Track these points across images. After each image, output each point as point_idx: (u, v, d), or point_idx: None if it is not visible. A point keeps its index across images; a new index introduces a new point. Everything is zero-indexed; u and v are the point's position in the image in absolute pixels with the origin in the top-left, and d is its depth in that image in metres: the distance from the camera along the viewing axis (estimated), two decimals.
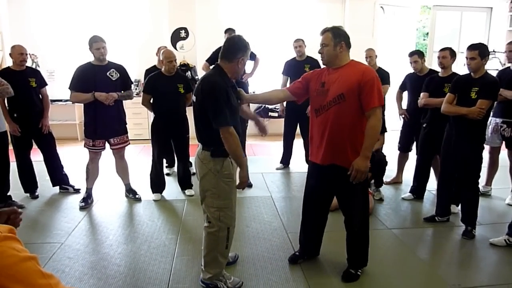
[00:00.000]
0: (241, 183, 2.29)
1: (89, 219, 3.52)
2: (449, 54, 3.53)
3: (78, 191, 4.08)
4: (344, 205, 2.54)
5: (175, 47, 6.58)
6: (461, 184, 3.23)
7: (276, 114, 6.85)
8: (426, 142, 3.77)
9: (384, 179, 4.18)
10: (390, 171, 4.37)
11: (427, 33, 8.11)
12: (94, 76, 3.50)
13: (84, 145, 3.69)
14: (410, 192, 4.01)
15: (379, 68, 4.38)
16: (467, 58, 3.01)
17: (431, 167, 3.95)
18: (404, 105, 4.26)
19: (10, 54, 3.72)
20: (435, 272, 2.66)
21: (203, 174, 2.28)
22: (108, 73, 3.55)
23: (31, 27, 6.55)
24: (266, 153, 5.92)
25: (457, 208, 3.50)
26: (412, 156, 4.21)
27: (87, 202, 3.76)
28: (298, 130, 4.91)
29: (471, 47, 2.99)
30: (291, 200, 3.97)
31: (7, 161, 3.63)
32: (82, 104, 3.67)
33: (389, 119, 4.34)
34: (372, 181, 3.94)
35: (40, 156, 4.02)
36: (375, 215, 3.55)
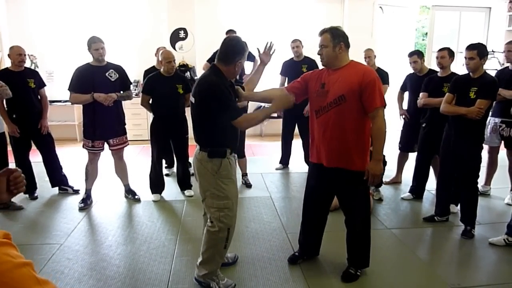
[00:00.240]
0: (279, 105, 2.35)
1: (89, 220, 3.52)
2: (448, 54, 3.54)
3: (77, 192, 4.07)
4: (346, 206, 2.54)
5: (174, 48, 6.57)
6: (460, 184, 3.23)
7: (275, 114, 6.84)
8: (426, 142, 3.77)
9: (384, 179, 4.18)
10: (390, 171, 4.37)
11: (426, 33, 8.12)
12: (93, 77, 3.49)
13: (83, 146, 3.69)
14: (410, 192, 4.01)
15: (378, 68, 4.38)
16: (466, 58, 3.01)
17: (431, 167, 3.96)
18: (405, 105, 4.27)
19: (9, 55, 3.71)
20: (435, 272, 2.67)
21: (202, 175, 2.29)
22: (107, 74, 3.55)
23: (30, 28, 6.54)
24: (265, 154, 5.92)
25: (457, 208, 3.50)
26: (412, 156, 4.21)
27: (86, 203, 3.76)
28: (297, 130, 4.91)
29: (470, 47, 2.99)
30: (291, 200, 3.97)
31: (6, 162, 3.62)
32: (81, 105, 3.66)
33: (389, 119, 4.33)
34: None
35: (39, 157, 4.02)
36: (375, 215, 3.55)
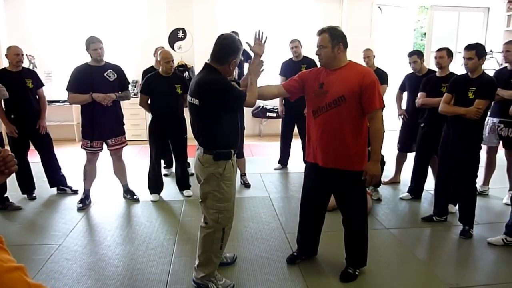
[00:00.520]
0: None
1: (87, 220, 3.51)
2: (446, 54, 3.54)
3: (76, 192, 4.07)
4: (344, 205, 2.54)
5: (173, 48, 6.57)
6: (459, 184, 3.23)
7: (274, 115, 6.86)
8: (424, 142, 3.78)
9: (382, 179, 4.18)
10: (388, 171, 4.38)
11: (425, 33, 8.12)
12: (92, 77, 3.49)
13: (82, 146, 3.68)
14: (408, 192, 4.02)
15: (377, 68, 4.38)
16: (465, 58, 3.02)
17: (429, 167, 3.96)
18: (403, 105, 4.27)
19: (6, 55, 3.70)
20: (433, 272, 2.67)
21: (205, 178, 2.27)
22: (106, 74, 3.54)
23: (28, 28, 6.53)
24: (264, 154, 5.92)
25: (455, 208, 3.51)
26: (411, 156, 4.21)
27: (85, 203, 3.75)
28: (296, 130, 4.91)
29: (468, 47, 3.00)
30: (289, 200, 3.96)
31: None
32: (80, 105, 3.66)
33: (388, 119, 4.34)
34: None
35: (38, 157, 4.01)
36: (373, 215, 3.55)
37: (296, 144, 5.03)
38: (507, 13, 7.14)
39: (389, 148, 4.43)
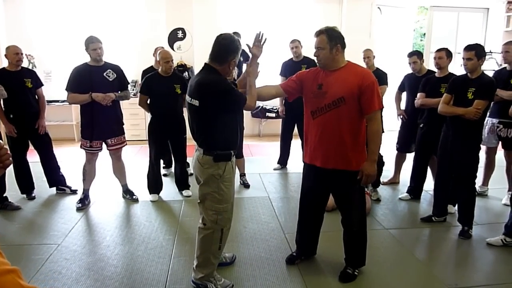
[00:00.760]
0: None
1: (86, 220, 3.51)
2: (445, 55, 3.54)
3: (75, 192, 4.07)
4: (342, 205, 2.54)
5: (173, 48, 6.56)
6: (458, 184, 3.24)
7: (274, 115, 6.86)
8: (423, 143, 3.78)
9: (382, 180, 4.19)
10: (388, 172, 4.38)
11: (424, 34, 8.13)
12: (91, 77, 3.48)
13: (81, 146, 3.68)
14: (407, 192, 4.02)
15: (377, 69, 4.38)
16: (464, 59, 3.02)
17: (428, 167, 3.96)
18: (402, 106, 4.27)
19: (6, 55, 3.70)
20: (432, 272, 2.67)
21: (204, 179, 2.27)
22: (105, 74, 3.54)
23: (28, 28, 6.53)
24: (264, 154, 5.92)
25: (454, 208, 3.51)
26: (410, 157, 4.22)
27: (84, 203, 3.75)
28: (296, 131, 4.91)
29: (468, 48, 3.00)
30: (289, 201, 3.96)
31: None
32: (79, 105, 3.66)
33: (387, 120, 4.35)
34: None
35: (37, 157, 4.01)
36: (373, 215, 3.55)
37: (296, 144, 5.03)
38: (507, 14, 7.14)
39: (388, 149, 4.44)
